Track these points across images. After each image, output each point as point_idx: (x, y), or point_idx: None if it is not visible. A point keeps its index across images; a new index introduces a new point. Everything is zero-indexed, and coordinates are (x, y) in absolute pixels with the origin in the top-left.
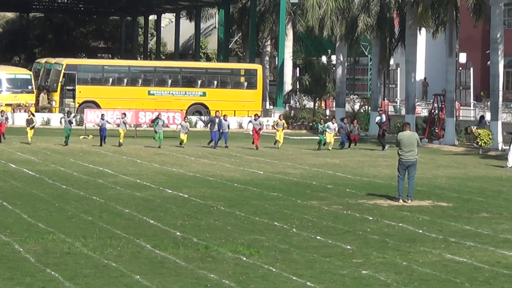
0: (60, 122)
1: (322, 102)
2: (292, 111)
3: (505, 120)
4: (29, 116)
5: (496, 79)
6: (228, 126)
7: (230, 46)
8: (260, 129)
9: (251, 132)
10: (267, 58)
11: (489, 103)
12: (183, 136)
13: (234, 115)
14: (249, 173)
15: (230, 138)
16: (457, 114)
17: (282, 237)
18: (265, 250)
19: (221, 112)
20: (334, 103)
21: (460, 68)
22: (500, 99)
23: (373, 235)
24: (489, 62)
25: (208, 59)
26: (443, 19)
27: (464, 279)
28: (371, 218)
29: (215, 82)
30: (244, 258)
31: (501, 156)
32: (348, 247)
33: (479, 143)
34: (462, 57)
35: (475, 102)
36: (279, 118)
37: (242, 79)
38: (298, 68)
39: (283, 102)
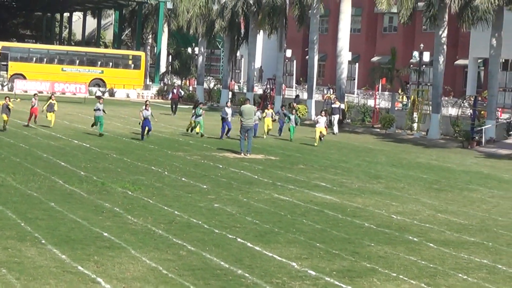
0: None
1: (187, 81)
2: (166, 87)
3: (317, 99)
4: (52, 100)
5: (312, 69)
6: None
7: (122, 37)
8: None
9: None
10: (148, 48)
11: (306, 86)
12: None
13: (123, 88)
14: (134, 131)
15: (120, 105)
16: (283, 93)
17: (157, 178)
18: (145, 187)
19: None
20: (195, 82)
21: (287, 60)
22: (314, 83)
23: (222, 179)
24: (307, 57)
25: (106, 46)
26: (276, 24)
27: (287, 212)
28: (221, 166)
29: (110, 64)
30: (130, 192)
31: (313, 125)
32: (205, 186)
33: (298, 115)
34: (288, 53)
35: (296, 85)
36: (267, 108)
37: (130, 62)
38: (170, 56)
39: (159, 80)
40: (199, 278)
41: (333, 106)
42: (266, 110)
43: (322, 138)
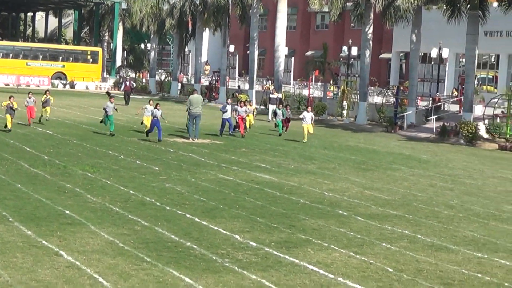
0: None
1: (141, 73)
2: (121, 79)
3: (257, 89)
4: (47, 95)
5: (252, 63)
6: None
7: (81, 35)
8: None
9: (236, 119)
10: (105, 44)
11: (247, 78)
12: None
13: (83, 80)
14: (93, 119)
15: (80, 95)
16: (227, 85)
17: (114, 161)
18: (103, 169)
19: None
20: (148, 74)
21: (230, 55)
22: (255, 75)
23: (173, 161)
24: (248, 52)
25: (67, 43)
26: (220, 22)
27: (230, 190)
28: (171, 150)
29: (71, 58)
30: (90, 174)
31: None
32: (157, 168)
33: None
34: (231, 48)
35: (238, 77)
36: (250, 104)
37: (89, 57)
38: (125, 51)
39: (115, 73)
40: (152, 250)
41: (271, 96)
42: (247, 107)
43: (305, 140)
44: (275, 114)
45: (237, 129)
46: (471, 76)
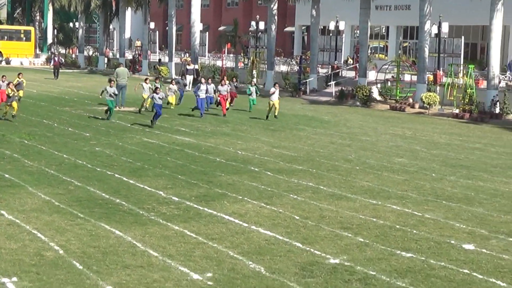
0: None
1: (70, 49)
2: (52, 54)
3: (176, 62)
4: (20, 78)
5: (171, 38)
6: (214, 89)
7: (14, 15)
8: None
9: (218, 98)
10: (37, 23)
11: (167, 51)
12: (171, 99)
13: (17, 57)
14: (28, 92)
15: (15, 71)
16: (148, 58)
17: (49, 129)
18: (38, 137)
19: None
20: (77, 50)
21: (151, 31)
22: (173, 49)
23: (102, 127)
24: (167, 28)
25: (1, 23)
26: (141, 2)
27: (154, 152)
28: (100, 118)
29: (5, 37)
30: (26, 141)
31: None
32: (87, 134)
33: (161, 74)
34: (152, 25)
35: (159, 51)
36: (221, 84)
37: (22, 35)
38: (55, 30)
39: (47, 50)
40: (85, 207)
41: (187, 67)
42: (170, 85)
43: (276, 115)
44: (249, 90)
45: (219, 106)
46: (364, 46)
